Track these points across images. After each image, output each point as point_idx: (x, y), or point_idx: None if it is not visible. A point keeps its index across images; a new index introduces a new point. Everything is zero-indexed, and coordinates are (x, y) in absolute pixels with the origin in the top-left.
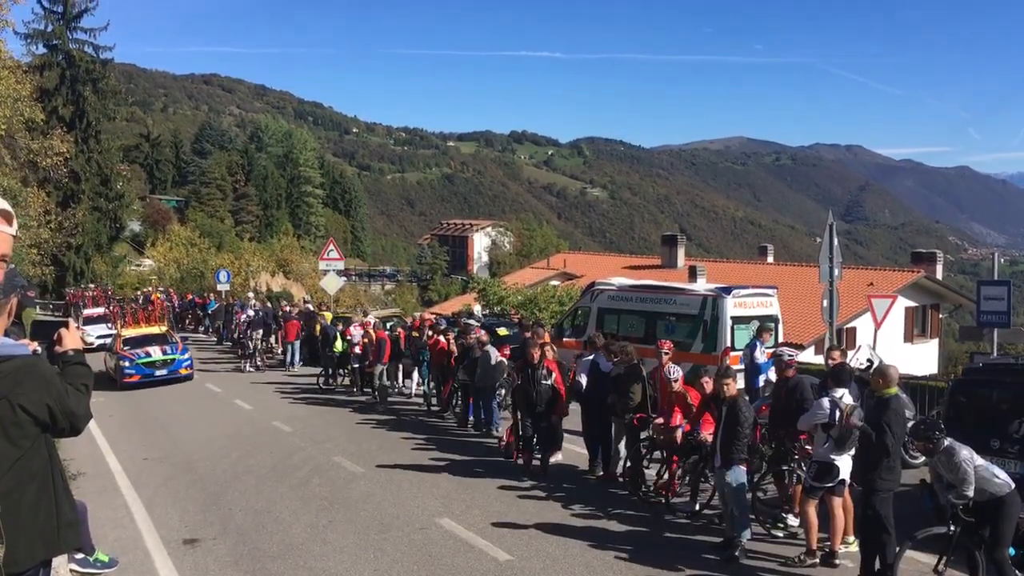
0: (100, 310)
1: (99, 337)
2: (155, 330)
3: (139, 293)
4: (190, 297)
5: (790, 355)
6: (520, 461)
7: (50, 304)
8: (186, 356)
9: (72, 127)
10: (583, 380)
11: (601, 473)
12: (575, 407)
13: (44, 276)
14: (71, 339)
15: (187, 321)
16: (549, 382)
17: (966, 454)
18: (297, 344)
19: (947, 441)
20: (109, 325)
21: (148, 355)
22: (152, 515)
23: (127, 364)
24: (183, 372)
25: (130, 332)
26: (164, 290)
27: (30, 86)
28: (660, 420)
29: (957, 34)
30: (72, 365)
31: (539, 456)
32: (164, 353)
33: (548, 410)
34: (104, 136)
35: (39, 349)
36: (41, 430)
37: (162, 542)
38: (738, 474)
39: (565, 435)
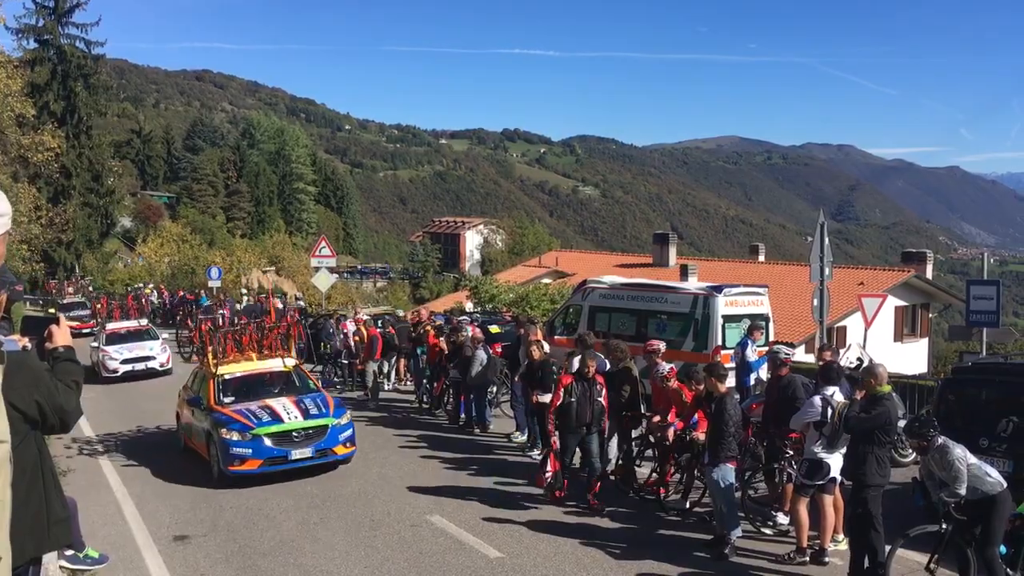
0: (130, 324)
1: (126, 362)
2: (275, 365)
3: (129, 290)
4: (181, 293)
5: (786, 353)
6: (559, 494)
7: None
8: (344, 419)
9: (63, 122)
10: None
11: None
12: None
13: (34, 272)
14: (61, 336)
15: (178, 317)
16: (601, 398)
17: (959, 452)
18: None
19: (941, 439)
20: (165, 346)
21: (274, 417)
22: (142, 512)
23: (235, 437)
24: (341, 451)
25: (232, 368)
26: (154, 287)
27: (21, 81)
28: (657, 418)
29: (950, 35)
30: (62, 362)
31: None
32: (305, 413)
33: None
34: (95, 132)
35: (29, 345)
36: (30, 427)
37: (152, 539)
38: (725, 472)
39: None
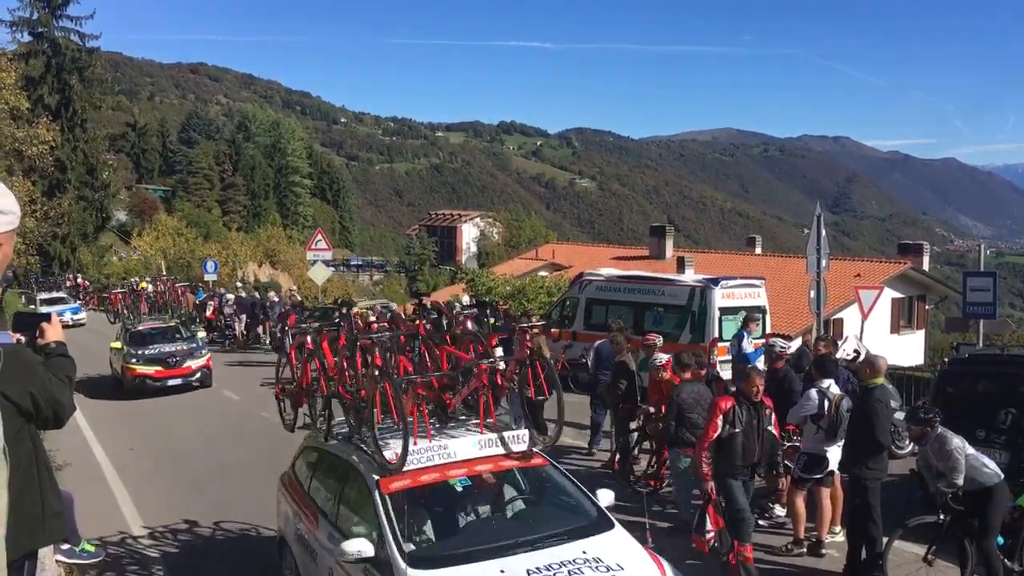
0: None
1: None
2: None
3: (125, 283)
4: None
5: (782, 347)
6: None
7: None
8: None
9: (58, 116)
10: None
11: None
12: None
13: (29, 266)
14: (52, 332)
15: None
16: (771, 426)
17: (958, 443)
18: None
19: (939, 429)
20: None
21: None
22: (139, 505)
23: None
24: None
25: None
26: (153, 277)
27: (15, 74)
28: (652, 410)
29: (946, 27)
30: (55, 357)
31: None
32: None
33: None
34: (90, 125)
35: (22, 339)
36: (25, 420)
37: (148, 531)
38: (675, 459)
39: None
